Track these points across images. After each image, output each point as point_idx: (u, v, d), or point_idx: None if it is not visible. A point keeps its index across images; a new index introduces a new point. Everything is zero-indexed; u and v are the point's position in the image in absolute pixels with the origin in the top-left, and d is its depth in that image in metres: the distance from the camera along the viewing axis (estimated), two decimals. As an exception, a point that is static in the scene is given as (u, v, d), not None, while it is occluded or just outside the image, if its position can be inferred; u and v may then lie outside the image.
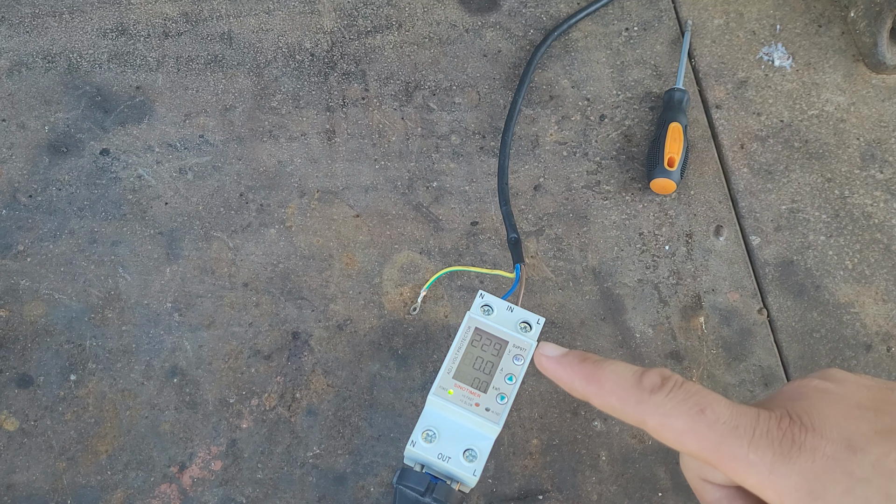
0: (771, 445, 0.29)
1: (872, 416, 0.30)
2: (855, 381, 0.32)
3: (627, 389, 0.32)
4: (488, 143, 0.57)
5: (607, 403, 0.33)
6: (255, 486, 0.46)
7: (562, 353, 0.35)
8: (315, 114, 0.58)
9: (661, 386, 0.31)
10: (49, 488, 0.46)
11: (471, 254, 0.53)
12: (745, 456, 0.29)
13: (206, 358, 0.50)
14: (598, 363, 0.34)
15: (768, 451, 0.29)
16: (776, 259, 0.54)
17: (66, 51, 0.60)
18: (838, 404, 0.31)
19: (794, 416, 0.30)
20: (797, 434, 0.29)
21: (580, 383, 0.34)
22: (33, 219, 0.54)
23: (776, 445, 0.29)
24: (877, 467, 0.28)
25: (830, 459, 0.28)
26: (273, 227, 0.54)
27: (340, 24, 0.62)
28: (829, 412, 0.30)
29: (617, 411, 0.33)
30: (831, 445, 0.29)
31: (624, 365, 0.33)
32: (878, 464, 0.28)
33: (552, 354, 0.35)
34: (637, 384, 0.32)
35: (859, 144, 0.57)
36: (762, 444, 0.29)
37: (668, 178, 0.54)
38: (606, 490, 0.47)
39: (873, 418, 0.30)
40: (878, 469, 0.28)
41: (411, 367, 0.50)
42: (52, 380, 0.49)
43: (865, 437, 0.29)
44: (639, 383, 0.32)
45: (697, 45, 0.61)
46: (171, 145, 0.56)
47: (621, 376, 0.33)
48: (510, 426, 0.48)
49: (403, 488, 0.41)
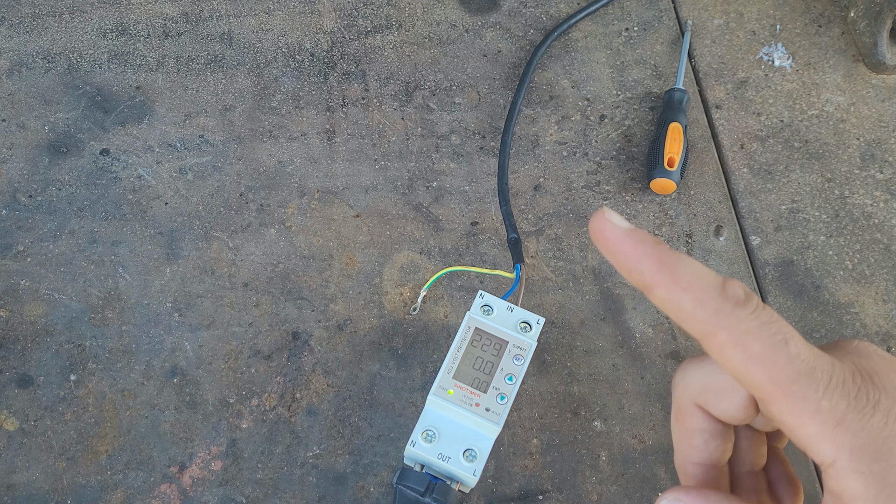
0: (846, 396, 0.27)
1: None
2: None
3: (708, 291, 0.28)
4: (488, 143, 0.57)
5: (676, 300, 0.28)
6: (255, 486, 0.46)
7: (630, 226, 0.29)
8: (315, 114, 0.58)
9: (745, 300, 0.28)
10: (49, 488, 0.46)
11: (471, 254, 0.53)
12: (817, 400, 0.27)
13: (206, 358, 0.50)
14: (674, 252, 0.29)
15: (843, 401, 0.27)
16: (776, 259, 0.54)
17: (66, 51, 0.60)
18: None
19: (864, 374, 0.29)
20: (871, 392, 0.28)
21: (651, 266, 0.29)
22: (33, 219, 0.54)
23: (852, 398, 0.28)
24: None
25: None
26: (273, 227, 0.54)
27: (340, 24, 0.62)
28: (894, 378, 0.29)
29: (686, 313, 0.28)
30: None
31: (703, 266, 0.29)
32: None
33: (620, 224, 0.30)
34: (720, 290, 0.28)
35: (859, 144, 0.57)
36: (837, 392, 0.28)
37: (668, 178, 0.54)
38: (606, 490, 0.47)
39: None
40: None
41: (411, 367, 0.50)
42: (52, 380, 0.49)
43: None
44: (722, 289, 0.28)
45: (697, 45, 0.61)
46: (171, 145, 0.56)
47: (702, 275, 0.28)
48: (510, 426, 0.48)
49: (403, 488, 0.41)
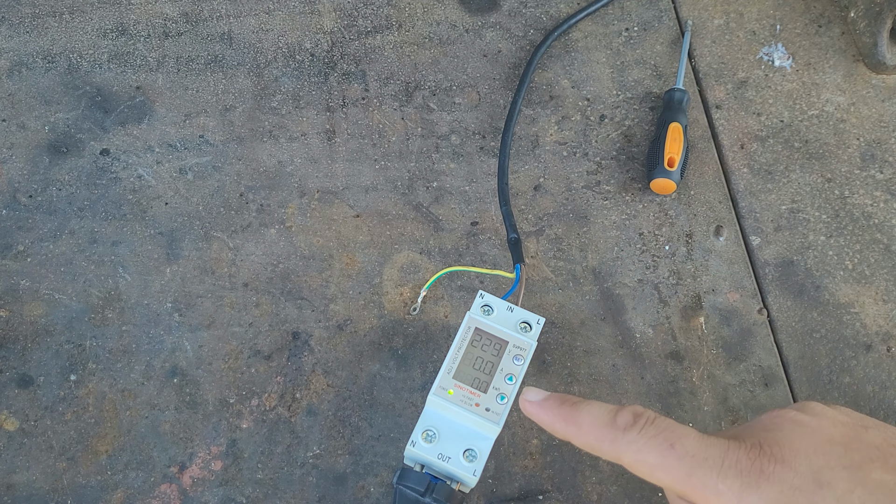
0: (740, 475, 0.30)
1: (842, 451, 0.31)
2: (831, 416, 0.33)
3: (602, 429, 0.34)
4: (488, 143, 0.57)
5: (586, 443, 0.35)
6: (256, 487, 0.46)
7: (544, 397, 0.37)
8: (315, 114, 0.58)
9: (633, 424, 0.33)
10: (49, 488, 0.46)
11: (471, 254, 0.53)
12: (715, 486, 0.30)
13: (206, 358, 0.50)
14: (576, 405, 0.35)
15: (737, 480, 0.30)
16: (776, 259, 0.54)
17: (67, 51, 0.60)
18: (810, 437, 0.32)
19: (764, 447, 0.31)
20: (766, 465, 0.30)
21: (560, 425, 0.36)
22: (33, 219, 0.54)
23: (744, 475, 0.30)
24: (841, 501, 0.29)
25: (797, 491, 0.29)
26: (273, 227, 0.54)
27: (340, 24, 0.62)
28: (800, 445, 0.31)
29: (595, 450, 0.34)
30: (799, 478, 0.30)
31: (599, 405, 0.35)
32: (842, 499, 0.29)
33: (534, 399, 0.37)
34: (611, 423, 0.34)
35: (859, 144, 0.57)
36: (731, 473, 0.30)
37: (668, 178, 0.54)
38: (606, 490, 0.47)
39: (842, 454, 0.31)
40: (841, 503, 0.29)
41: (411, 368, 0.50)
42: (53, 380, 0.49)
43: (832, 472, 0.30)
44: (613, 422, 0.34)
45: (697, 45, 0.61)
46: (171, 145, 0.56)
47: (597, 416, 0.34)
48: (510, 426, 0.48)
49: (403, 488, 0.41)
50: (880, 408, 0.49)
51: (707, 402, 0.49)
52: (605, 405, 0.35)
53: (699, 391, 0.50)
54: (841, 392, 0.50)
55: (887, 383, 0.50)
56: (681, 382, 0.50)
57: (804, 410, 0.34)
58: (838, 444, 0.32)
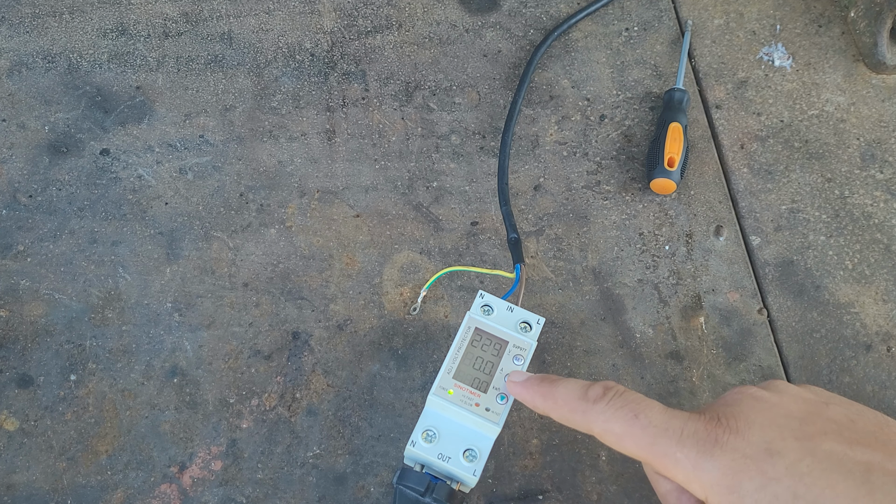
0: (696, 444, 0.33)
1: (797, 424, 0.33)
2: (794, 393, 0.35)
3: (575, 401, 0.37)
4: (488, 143, 0.57)
5: (562, 415, 0.37)
6: (255, 486, 0.46)
7: (526, 377, 0.40)
8: (315, 114, 0.58)
9: (602, 396, 0.36)
10: (49, 488, 0.46)
11: (471, 254, 0.53)
12: (674, 454, 0.33)
13: (206, 358, 0.50)
14: (553, 382, 0.38)
15: (693, 449, 0.33)
16: (776, 259, 0.54)
17: (67, 51, 0.60)
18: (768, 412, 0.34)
19: (721, 419, 0.34)
20: (721, 435, 0.33)
21: (540, 401, 0.38)
22: (33, 219, 0.54)
23: (701, 444, 0.33)
24: (790, 469, 0.31)
25: (748, 459, 0.32)
26: (273, 227, 0.54)
27: (340, 24, 0.62)
28: (756, 418, 0.33)
29: (570, 421, 0.37)
30: (751, 447, 0.32)
31: (575, 381, 0.38)
32: (792, 467, 0.31)
33: (518, 380, 0.40)
34: (583, 396, 0.36)
35: (859, 144, 0.57)
36: (689, 443, 0.33)
37: (668, 178, 0.54)
38: (606, 490, 0.47)
39: (797, 427, 0.33)
40: (790, 471, 0.31)
41: (411, 367, 0.50)
42: (53, 380, 0.49)
43: (784, 442, 0.32)
44: (585, 395, 0.36)
45: (697, 45, 0.61)
46: (171, 145, 0.56)
47: (571, 391, 0.37)
48: (510, 426, 0.48)
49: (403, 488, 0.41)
50: (880, 407, 0.49)
51: (707, 402, 0.49)
52: (580, 381, 0.38)
53: (699, 391, 0.50)
54: (841, 392, 0.50)
55: (887, 383, 0.50)
56: (681, 382, 0.50)
57: (767, 388, 0.36)
58: (795, 418, 0.33)
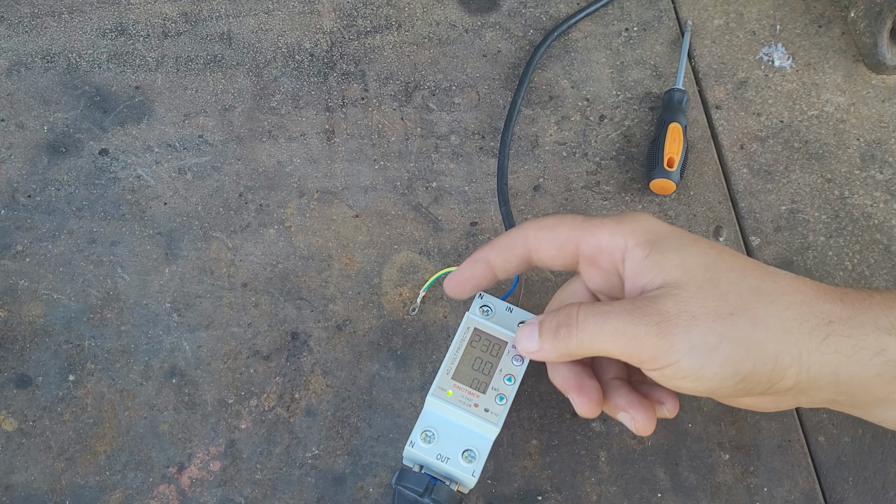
0: (612, 218, 0.41)
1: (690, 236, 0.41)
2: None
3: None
4: (488, 143, 0.57)
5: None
6: (254, 487, 0.46)
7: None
8: (314, 114, 0.58)
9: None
10: (47, 489, 0.46)
11: (470, 254, 0.53)
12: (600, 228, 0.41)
13: (205, 358, 0.50)
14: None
15: (609, 219, 0.41)
16: (776, 259, 0.54)
17: (66, 51, 0.60)
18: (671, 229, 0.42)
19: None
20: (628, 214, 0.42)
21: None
22: (32, 219, 0.54)
23: (613, 218, 0.41)
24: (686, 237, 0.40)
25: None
26: (272, 227, 0.54)
27: (340, 24, 0.62)
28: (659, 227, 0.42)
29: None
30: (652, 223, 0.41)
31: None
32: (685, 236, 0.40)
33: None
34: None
35: (859, 145, 0.57)
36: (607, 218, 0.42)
37: (668, 178, 0.54)
38: (606, 491, 0.46)
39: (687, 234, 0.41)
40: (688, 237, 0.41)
41: (410, 368, 0.50)
42: (51, 380, 0.49)
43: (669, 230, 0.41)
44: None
45: (697, 45, 0.61)
46: (171, 145, 0.56)
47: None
48: (509, 426, 0.48)
49: (402, 489, 0.41)
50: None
51: (707, 403, 0.49)
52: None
53: (699, 392, 0.49)
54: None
55: (887, 384, 0.50)
56: (680, 383, 0.50)
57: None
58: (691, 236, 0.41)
